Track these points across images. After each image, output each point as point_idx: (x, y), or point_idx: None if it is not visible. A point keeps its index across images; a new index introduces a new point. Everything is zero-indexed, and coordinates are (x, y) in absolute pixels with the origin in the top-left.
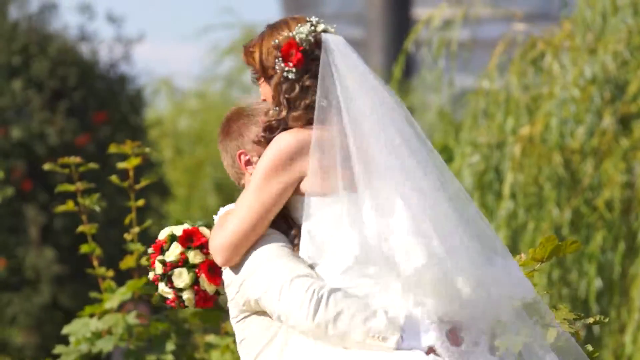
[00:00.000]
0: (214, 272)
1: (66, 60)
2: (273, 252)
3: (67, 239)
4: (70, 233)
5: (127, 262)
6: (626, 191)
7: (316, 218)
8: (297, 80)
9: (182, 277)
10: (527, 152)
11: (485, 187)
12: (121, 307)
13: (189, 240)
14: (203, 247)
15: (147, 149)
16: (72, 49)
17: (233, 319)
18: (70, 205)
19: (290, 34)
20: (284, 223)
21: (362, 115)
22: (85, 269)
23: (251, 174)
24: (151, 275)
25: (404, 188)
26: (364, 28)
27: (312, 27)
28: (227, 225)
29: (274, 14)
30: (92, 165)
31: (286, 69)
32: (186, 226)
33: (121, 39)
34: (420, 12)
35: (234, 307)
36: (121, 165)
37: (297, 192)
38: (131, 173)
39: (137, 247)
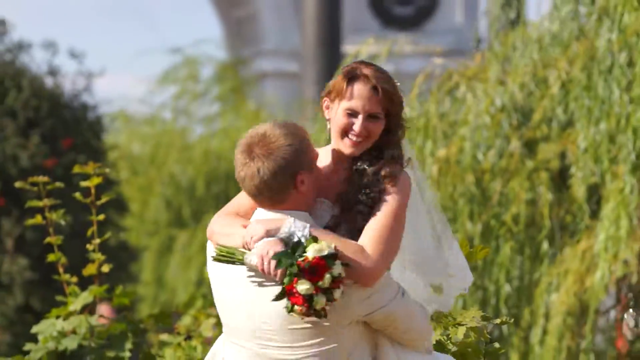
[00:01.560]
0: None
1: (38, 93)
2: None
3: (37, 249)
4: (40, 244)
5: (89, 270)
6: (530, 207)
7: None
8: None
9: (337, 293)
10: (444, 172)
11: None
12: (83, 310)
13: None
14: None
15: (107, 170)
16: (42, 83)
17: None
18: (39, 219)
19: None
20: None
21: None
22: (53, 275)
23: (303, 193)
24: (306, 289)
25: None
26: (300, 62)
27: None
28: (374, 249)
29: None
30: (58, 184)
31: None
32: (326, 251)
33: (82, 72)
34: (349, 48)
35: (348, 316)
36: (84, 183)
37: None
38: (93, 191)
39: (98, 256)
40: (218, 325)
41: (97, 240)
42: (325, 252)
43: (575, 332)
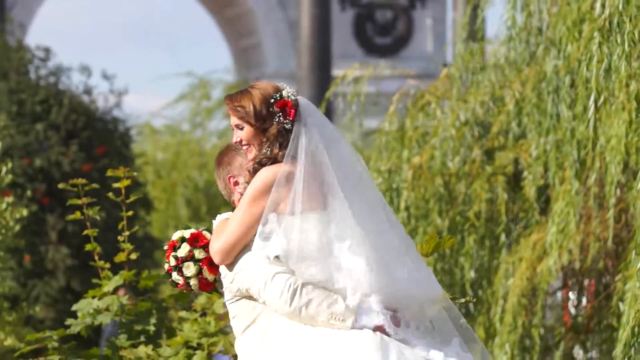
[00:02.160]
0: (213, 265)
1: (76, 109)
2: (258, 255)
3: (77, 240)
4: (79, 235)
5: (120, 257)
6: (490, 205)
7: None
8: (290, 130)
9: (189, 269)
10: (417, 176)
11: (386, 199)
12: (115, 291)
13: (195, 241)
14: (205, 247)
15: (135, 173)
16: (79, 100)
17: (227, 301)
18: (78, 215)
19: (285, 95)
20: None
21: (323, 158)
22: (89, 262)
23: (240, 193)
24: (166, 267)
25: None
26: (296, 84)
27: (292, 91)
28: (222, 235)
29: (228, 68)
30: (94, 185)
31: (285, 121)
32: (193, 230)
33: (113, 91)
34: (337, 72)
35: (228, 292)
36: (116, 185)
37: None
38: (123, 191)
39: (127, 246)
40: None
41: (127, 233)
42: (174, 237)
43: (528, 310)
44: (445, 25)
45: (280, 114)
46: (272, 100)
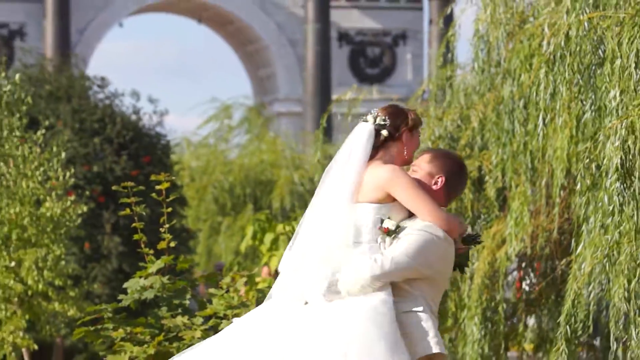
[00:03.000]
0: None
1: (126, 126)
2: None
3: (127, 231)
4: (128, 227)
5: (161, 245)
6: (459, 203)
7: None
8: None
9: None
10: None
11: None
12: (158, 272)
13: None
14: None
15: (173, 178)
16: (129, 119)
17: None
18: (127, 211)
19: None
20: None
21: None
22: (137, 249)
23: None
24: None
25: None
26: (302, 106)
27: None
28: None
29: (247, 94)
30: (140, 187)
31: None
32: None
33: (156, 112)
34: (335, 96)
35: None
36: (158, 187)
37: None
38: (163, 192)
39: (167, 236)
40: (248, 282)
41: (167, 225)
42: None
43: (490, 288)
44: (422, 59)
45: None
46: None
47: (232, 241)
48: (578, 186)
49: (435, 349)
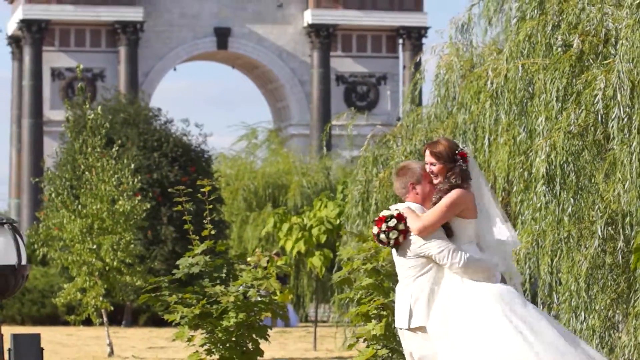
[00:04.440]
0: (406, 234)
1: (178, 144)
2: (441, 236)
3: (179, 222)
4: (180, 220)
5: (205, 232)
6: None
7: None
8: (465, 170)
9: (394, 234)
10: (383, 184)
11: (363, 200)
12: (202, 253)
13: (401, 218)
14: (404, 223)
15: (213, 183)
16: (180, 139)
17: (409, 257)
18: (179, 208)
19: (464, 149)
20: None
21: (484, 191)
22: (186, 235)
23: (417, 193)
24: (375, 230)
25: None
26: (309, 129)
27: (464, 146)
28: (423, 220)
29: (269, 119)
30: (189, 190)
31: (463, 164)
32: (397, 211)
33: (201, 134)
34: (334, 122)
35: (412, 252)
36: (202, 190)
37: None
38: (206, 193)
39: (209, 226)
40: (270, 260)
41: (209, 218)
42: (384, 214)
43: None
44: (398, 95)
45: (461, 160)
46: (457, 150)
47: (257, 230)
48: (514, 189)
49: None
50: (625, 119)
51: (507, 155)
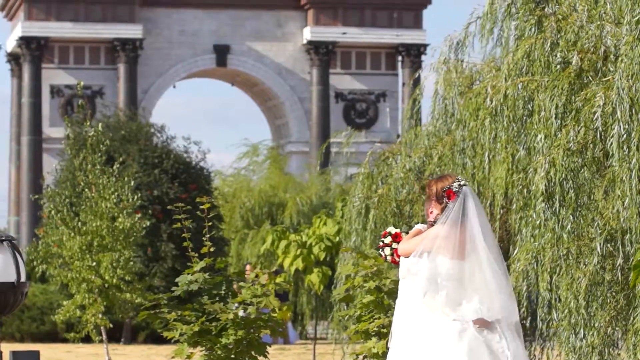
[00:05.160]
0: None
1: (178, 161)
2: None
3: (178, 240)
4: (180, 237)
5: (204, 250)
6: (424, 219)
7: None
8: (451, 209)
9: (386, 252)
10: (381, 201)
11: (361, 217)
12: (201, 270)
13: (396, 237)
14: (398, 240)
15: (212, 200)
16: (181, 156)
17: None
18: (179, 225)
19: (450, 187)
20: None
21: (473, 227)
22: (186, 253)
23: (430, 221)
24: (381, 243)
25: (488, 261)
26: (308, 146)
27: (458, 182)
28: (407, 244)
29: (267, 137)
30: (188, 207)
31: (449, 202)
32: (397, 230)
33: (200, 151)
34: (333, 140)
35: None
36: (202, 207)
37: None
38: (206, 211)
39: (208, 243)
40: (269, 277)
41: (208, 235)
42: (388, 229)
43: None
44: (397, 112)
45: (446, 197)
46: (445, 189)
47: (255, 248)
48: (514, 206)
49: None
50: (625, 136)
51: (506, 172)
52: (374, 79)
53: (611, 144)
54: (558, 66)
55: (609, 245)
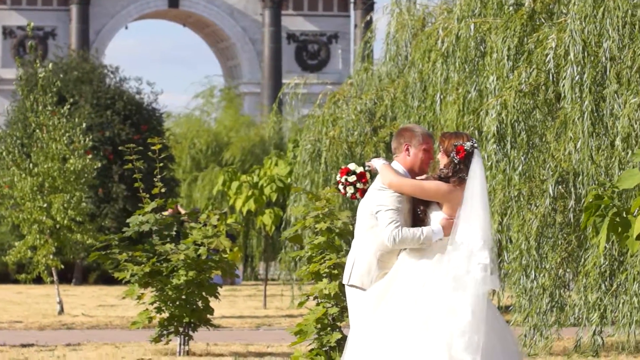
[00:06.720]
0: (363, 193)
1: (131, 102)
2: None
3: (130, 180)
4: (131, 178)
5: (155, 191)
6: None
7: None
8: (458, 164)
9: (350, 190)
10: (333, 143)
11: (313, 159)
12: (152, 210)
13: (361, 177)
14: (363, 180)
15: (163, 141)
16: (133, 97)
17: (367, 216)
18: (130, 166)
19: (463, 144)
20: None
21: (475, 187)
22: (137, 193)
23: (402, 155)
24: (337, 178)
25: (481, 218)
26: (260, 87)
27: (471, 143)
28: (398, 178)
29: (220, 78)
30: (140, 148)
31: (456, 158)
32: (360, 169)
33: (153, 92)
34: (285, 80)
35: (370, 213)
36: (153, 147)
37: (436, 208)
38: (157, 151)
39: (159, 184)
40: (220, 219)
41: (159, 176)
42: (350, 166)
43: None
44: (349, 54)
45: (455, 153)
46: (456, 144)
47: (206, 190)
48: None
49: None
50: (577, 78)
51: (457, 114)
52: (326, 20)
53: (563, 85)
54: (511, 8)
55: (560, 187)
